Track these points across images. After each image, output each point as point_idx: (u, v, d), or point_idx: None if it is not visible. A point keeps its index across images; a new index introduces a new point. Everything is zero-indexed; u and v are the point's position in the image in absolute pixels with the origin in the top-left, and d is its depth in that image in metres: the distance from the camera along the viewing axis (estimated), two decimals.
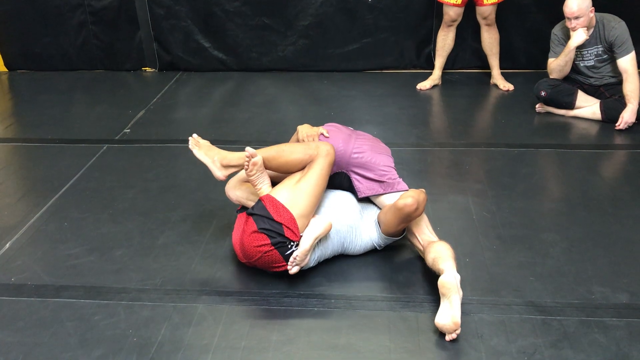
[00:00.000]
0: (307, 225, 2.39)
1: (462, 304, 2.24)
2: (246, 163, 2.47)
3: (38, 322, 2.28)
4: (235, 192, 2.66)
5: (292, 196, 2.39)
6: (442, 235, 2.63)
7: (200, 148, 2.56)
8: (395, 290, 2.41)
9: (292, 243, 2.35)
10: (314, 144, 2.52)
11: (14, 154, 3.92)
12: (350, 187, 2.66)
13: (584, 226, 2.81)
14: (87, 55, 5.33)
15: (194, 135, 2.59)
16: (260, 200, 2.44)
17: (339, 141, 2.61)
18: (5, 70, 5.51)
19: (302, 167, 2.50)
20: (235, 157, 2.54)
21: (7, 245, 2.78)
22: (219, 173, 2.53)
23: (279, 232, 2.34)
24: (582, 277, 2.44)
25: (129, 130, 4.08)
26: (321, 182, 2.45)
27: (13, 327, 2.26)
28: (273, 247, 2.34)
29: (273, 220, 2.35)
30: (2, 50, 5.45)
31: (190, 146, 2.56)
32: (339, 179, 2.65)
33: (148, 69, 5.38)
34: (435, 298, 2.34)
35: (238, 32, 5.09)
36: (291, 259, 2.33)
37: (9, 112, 4.68)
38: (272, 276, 2.47)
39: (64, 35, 5.27)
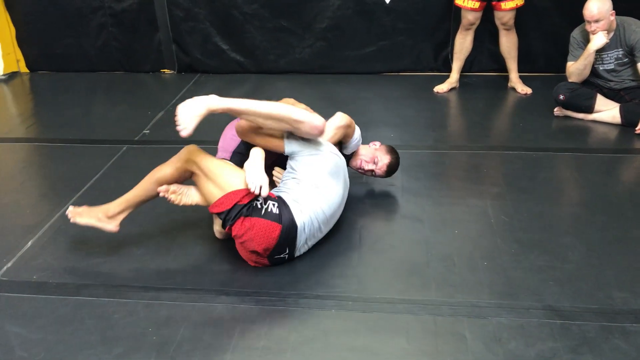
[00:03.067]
0: (243, 182, 2.46)
1: (480, 307, 2.24)
2: (166, 197, 2.55)
3: (59, 319, 2.32)
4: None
5: (213, 188, 2.48)
6: (459, 238, 2.63)
7: (82, 215, 2.64)
8: (413, 292, 2.41)
9: (255, 202, 2.45)
10: (181, 156, 2.59)
11: (35, 154, 3.97)
12: (280, 157, 2.79)
13: (603, 230, 2.79)
14: (107, 56, 5.38)
15: (69, 208, 2.66)
16: (211, 212, 2.53)
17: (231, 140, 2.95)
18: (27, 71, 5.58)
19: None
20: (113, 205, 2.64)
21: (29, 243, 2.82)
22: (110, 226, 2.64)
23: (238, 209, 2.42)
24: (602, 282, 2.43)
25: (148, 131, 4.12)
26: (215, 164, 2.54)
27: (35, 324, 2.29)
28: (247, 216, 2.42)
29: (228, 210, 2.43)
30: (23, 52, 5.52)
31: (72, 220, 2.64)
32: (272, 161, 2.82)
33: (167, 71, 5.42)
34: (453, 301, 2.34)
35: (256, 35, 5.12)
36: (250, 186, 2.42)
37: (30, 113, 4.75)
38: (291, 277, 2.48)
39: (85, 37, 5.32)
